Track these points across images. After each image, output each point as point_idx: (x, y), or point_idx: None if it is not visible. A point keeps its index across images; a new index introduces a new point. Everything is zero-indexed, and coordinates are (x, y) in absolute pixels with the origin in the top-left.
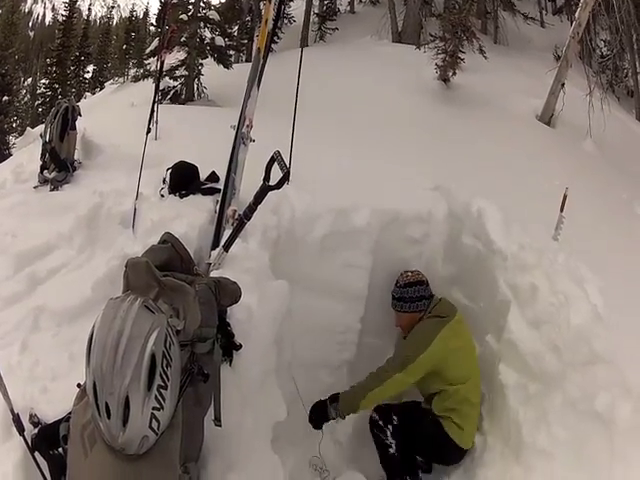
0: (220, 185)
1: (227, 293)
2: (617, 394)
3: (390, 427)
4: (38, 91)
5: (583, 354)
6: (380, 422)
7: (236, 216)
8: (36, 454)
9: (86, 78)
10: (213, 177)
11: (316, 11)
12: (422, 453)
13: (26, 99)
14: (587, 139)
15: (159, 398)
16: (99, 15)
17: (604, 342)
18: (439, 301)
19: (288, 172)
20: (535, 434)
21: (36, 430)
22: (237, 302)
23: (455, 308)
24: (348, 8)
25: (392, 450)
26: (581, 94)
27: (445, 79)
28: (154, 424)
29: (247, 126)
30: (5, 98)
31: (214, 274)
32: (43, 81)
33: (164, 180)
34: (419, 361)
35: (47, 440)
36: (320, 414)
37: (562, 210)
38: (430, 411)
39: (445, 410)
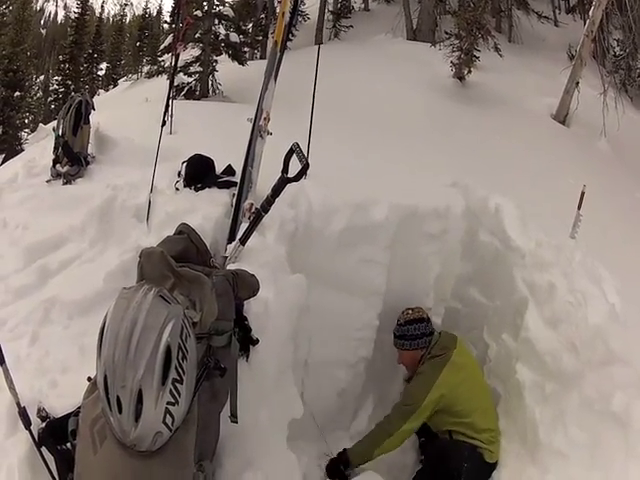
0: (236, 178)
1: (245, 285)
2: (633, 394)
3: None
4: (51, 88)
5: (600, 353)
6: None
7: (253, 210)
8: (43, 449)
9: (99, 75)
10: (229, 170)
11: (330, 9)
12: None
13: (38, 95)
14: (601, 138)
15: (174, 392)
16: (112, 13)
17: (621, 341)
18: (439, 337)
19: (307, 164)
20: (551, 434)
21: (43, 424)
22: (255, 295)
23: (455, 338)
24: (362, 6)
25: None
26: (595, 93)
27: (460, 77)
28: (168, 420)
29: (264, 119)
30: (17, 94)
31: (230, 267)
32: (56, 78)
33: (179, 173)
34: (423, 407)
35: (55, 434)
36: (338, 475)
37: (579, 208)
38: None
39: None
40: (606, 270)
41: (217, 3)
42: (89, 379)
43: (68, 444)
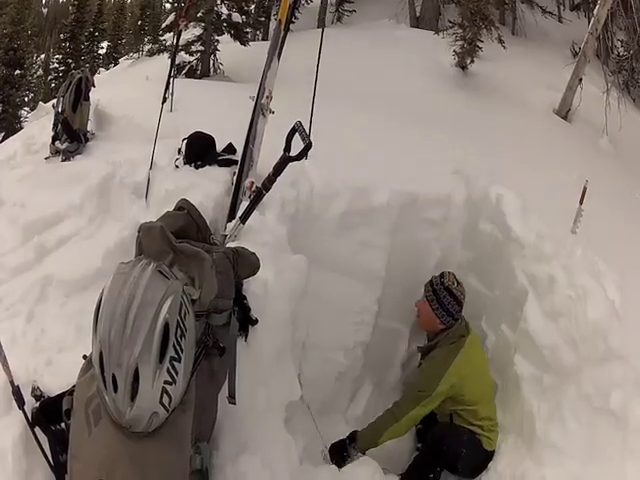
0: (237, 157)
1: (246, 263)
2: (631, 391)
3: None
4: (51, 66)
5: (599, 349)
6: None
7: (254, 188)
8: (36, 429)
9: (100, 54)
10: (230, 149)
11: None
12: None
13: (39, 73)
14: (603, 137)
15: (171, 371)
16: None
17: (621, 338)
18: (460, 324)
19: (310, 143)
20: (549, 428)
21: (37, 403)
22: (255, 274)
23: (469, 326)
24: None
25: None
26: (597, 91)
27: (463, 66)
28: (165, 400)
29: (267, 97)
30: (17, 72)
31: (230, 245)
32: (56, 56)
33: (179, 150)
34: (435, 394)
35: (48, 414)
36: (341, 455)
37: (581, 203)
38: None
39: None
40: (606, 266)
41: None
42: (85, 357)
43: (62, 424)
